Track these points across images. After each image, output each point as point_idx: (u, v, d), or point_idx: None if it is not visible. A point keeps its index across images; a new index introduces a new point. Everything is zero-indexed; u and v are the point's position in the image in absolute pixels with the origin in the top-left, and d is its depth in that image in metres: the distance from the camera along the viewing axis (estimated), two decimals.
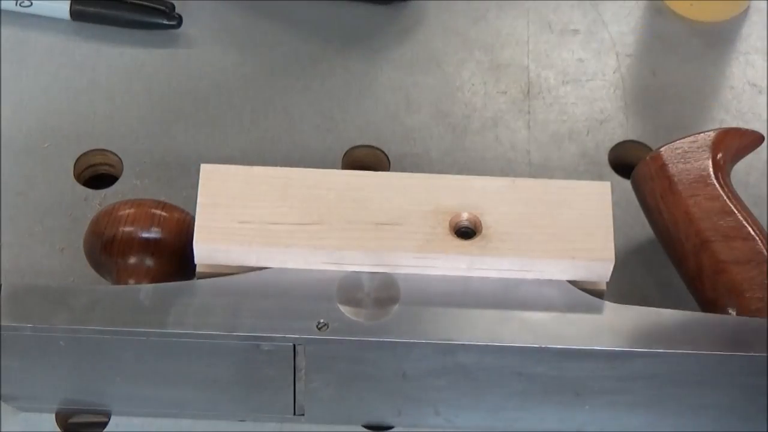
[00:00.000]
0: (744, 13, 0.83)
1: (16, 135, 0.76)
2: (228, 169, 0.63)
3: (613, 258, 0.61)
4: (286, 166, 0.64)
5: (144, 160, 0.75)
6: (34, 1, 0.80)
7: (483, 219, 0.62)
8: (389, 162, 0.76)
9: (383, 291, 0.61)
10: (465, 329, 0.60)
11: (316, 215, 0.62)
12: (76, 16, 0.80)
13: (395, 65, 0.80)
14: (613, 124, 0.78)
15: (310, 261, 0.61)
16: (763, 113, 0.79)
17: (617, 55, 0.81)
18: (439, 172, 0.67)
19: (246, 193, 0.62)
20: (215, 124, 0.77)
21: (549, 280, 0.62)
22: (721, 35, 0.83)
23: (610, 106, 0.79)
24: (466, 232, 0.62)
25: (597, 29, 0.82)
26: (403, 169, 0.75)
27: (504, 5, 0.83)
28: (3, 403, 0.65)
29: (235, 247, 0.61)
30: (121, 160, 0.75)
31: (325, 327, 0.59)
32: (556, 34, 0.82)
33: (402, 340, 0.60)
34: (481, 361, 0.61)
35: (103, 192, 0.74)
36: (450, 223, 0.62)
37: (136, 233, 0.64)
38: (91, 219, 0.66)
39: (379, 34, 0.82)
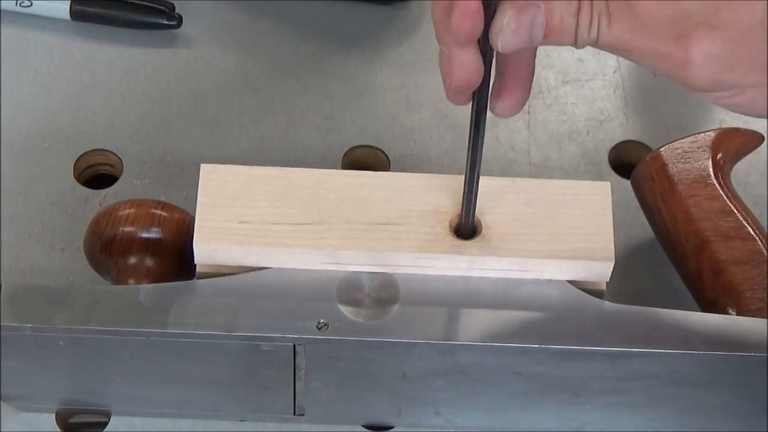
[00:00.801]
0: None
1: (16, 135, 0.76)
2: (228, 169, 0.63)
3: (613, 258, 0.61)
4: (286, 166, 0.64)
5: (144, 160, 0.75)
6: (34, 1, 0.80)
7: (483, 219, 0.62)
8: (389, 162, 0.76)
9: (383, 291, 0.61)
10: (465, 329, 0.60)
11: (316, 215, 0.62)
12: (76, 16, 0.80)
13: (395, 65, 0.80)
14: (613, 124, 0.78)
15: (310, 261, 0.61)
16: None
17: None
18: (439, 172, 0.67)
19: (246, 193, 0.62)
20: (215, 124, 0.77)
21: (549, 280, 0.62)
22: None
23: (610, 106, 0.79)
24: (466, 232, 0.62)
25: None
26: (403, 169, 0.75)
27: None
28: (3, 403, 0.65)
29: (235, 247, 0.61)
30: (121, 160, 0.75)
31: (325, 327, 0.59)
32: None
33: (402, 340, 0.60)
34: (481, 361, 0.61)
35: (103, 192, 0.74)
36: (450, 223, 0.62)
37: (136, 233, 0.64)
38: (91, 219, 0.66)
39: (379, 34, 0.82)
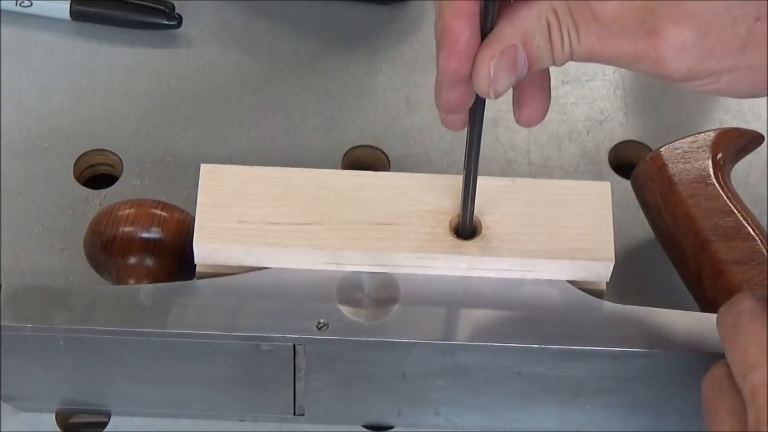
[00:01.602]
0: None
1: (16, 135, 0.76)
2: (228, 169, 0.63)
3: (613, 258, 0.61)
4: (286, 166, 0.64)
5: (144, 160, 0.75)
6: (34, 1, 0.80)
7: (483, 219, 0.62)
8: (389, 162, 0.76)
9: (383, 291, 0.61)
10: (465, 329, 0.60)
11: (316, 215, 0.61)
12: (76, 16, 0.80)
13: (395, 65, 0.80)
14: (613, 124, 0.78)
15: (310, 261, 0.61)
16: (763, 113, 0.79)
17: None
18: (439, 172, 0.67)
19: (246, 193, 0.62)
20: (215, 124, 0.77)
21: (549, 280, 0.62)
22: None
23: (610, 106, 0.79)
24: (466, 232, 0.62)
25: None
26: (403, 169, 0.75)
27: None
28: (3, 403, 0.65)
29: (235, 247, 0.61)
30: (121, 160, 0.75)
31: (325, 327, 0.59)
32: None
33: (402, 340, 0.60)
34: (481, 361, 0.61)
35: (103, 192, 0.74)
36: (450, 223, 0.62)
37: (136, 233, 0.64)
38: (91, 219, 0.66)
39: (379, 34, 0.82)
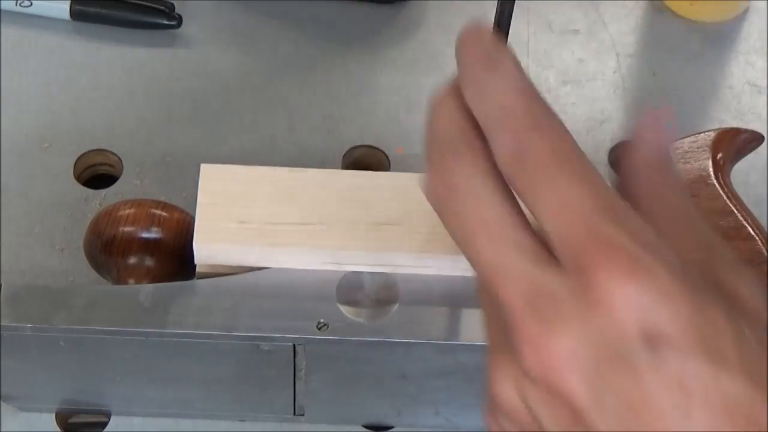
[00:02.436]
0: (744, 13, 0.83)
1: (16, 135, 0.76)
2: (228, 169, 0.63)
3: None
4: (286, 166, 0.64)
5: (144, 160, 0.75)
6: (34, 1, 0.80)
7: None
8: (389, 162, 0.76)
9: (383, 291, 0.61)
10: (465, 329, 0.60)
11: (316, 215, 0.61)
12: (76, 16, 0.80)
13: (395, 65, 0.80)
14: (613, 124, 0.78)
15: (310, 261, 0.61)
16: (763, 113, 0.79)
17: (617, 55, 0.81)
18: None
19: (246, 193, 0.62)
20: (215, 124, 0.77)
21: None
22: (721, 35, 0.83)
23: (610, 106, 0.79)
24: None
25: (597, 29, 0.82)
26: (403, 169, 0.74)
27: None
28: (3, 403, 0.65)
29: (235, 247, 0.61)
30: (121, 160, 0.75)
31: (325, 327, 0.59)
32: (556, 34, 0.82)
33: (402, 340, 0.59)
34: (481, 361, 0.60)
35: (103, 192, 0.74)
36: None
37: (136, 233, 0.64)
38: (91, 219, 0.66)
39: (379, 34, 0.82)
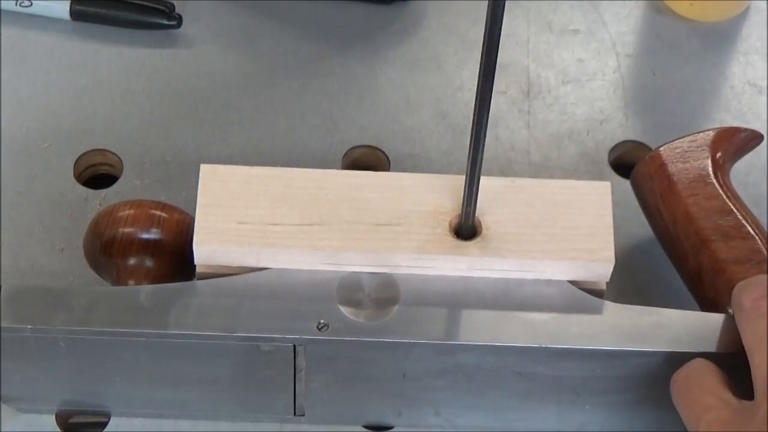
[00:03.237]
0: (744, 13, 0.83)
1: (16, 135, 0.76)
2: (228, 169, 0.63)
3: (613, 258, 0.61)
4: (286, 166, 0.64)
5: (144, 160, 0.75)
6: (34, 1, 0.80)
7: (483, 219, 0.62)
8: (389, 162, 0.76)
9: (383, 291, 0.61)
10: (465, 329, 0.60)
11: (316, 216, 0.61)
12: (76, 16, 0.80)
13: (395, 65, 0.80)
14: (613, 124, 0.78)
15: (310, 261, 0.61)
16: (763, 113, 0.79)
17: (617, 55, 0.81)
18: (439, 172, 0.67)
19: (246, 193, 0.62)
20: (215, 124, 0.77)
21: (549, 280, 0.62)
22: (721, 35, 0.83)
23: (610, 106, 0.79)
24: (466, 232, 0.62)
25: (597, 29, 0.82)
26: (403, 169, 0.75)
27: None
28: (3, 404, 0.65)
29: (234, 248, 0.61)
30: (121, 160, 0.75)
31: (325, 327, 0.59)
32: (556, 34, 0.82)
33: (402, 340, 0.60)
34: (481, 362, 0.61)
35: (103, 192, 0.74)
36: (450, 224, 0.62)
37: (135, 234, 0.64)
38: (91, 220, 0.66)
39: (379, 34, 0.82)
